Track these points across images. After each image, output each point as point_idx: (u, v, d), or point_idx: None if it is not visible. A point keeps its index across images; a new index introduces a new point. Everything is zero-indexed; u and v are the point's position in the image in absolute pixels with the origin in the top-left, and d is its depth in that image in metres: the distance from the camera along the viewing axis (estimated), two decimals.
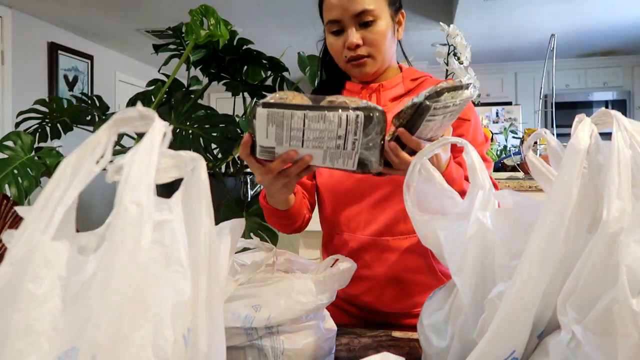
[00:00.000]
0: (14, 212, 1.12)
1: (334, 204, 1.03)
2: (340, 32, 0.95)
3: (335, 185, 1.02)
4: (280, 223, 1.02)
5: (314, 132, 0.65)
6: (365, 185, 0.98)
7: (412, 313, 1.01)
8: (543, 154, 2.28)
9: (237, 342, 0.64)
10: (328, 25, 0.95)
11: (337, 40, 0.95)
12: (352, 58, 0.95)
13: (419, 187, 0.68)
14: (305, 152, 0.68)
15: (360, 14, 0.91)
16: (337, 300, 1.06)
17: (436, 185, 0.69)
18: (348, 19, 0.92)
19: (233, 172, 2.65)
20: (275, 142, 0.67)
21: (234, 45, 2.40)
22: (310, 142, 0.66)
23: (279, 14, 4.09)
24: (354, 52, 0.94)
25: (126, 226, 0.35)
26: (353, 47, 0.94)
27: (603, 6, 3.94)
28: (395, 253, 0.98)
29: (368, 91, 1.02)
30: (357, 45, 0.93)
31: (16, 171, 1.89)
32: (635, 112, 5.66)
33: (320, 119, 0.64)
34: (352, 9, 0.91)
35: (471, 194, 0.64)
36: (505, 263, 0.56)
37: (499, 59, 5.78)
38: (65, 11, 3.97)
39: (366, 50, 0.94)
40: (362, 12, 0.91)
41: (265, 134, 0.66)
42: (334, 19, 0.93)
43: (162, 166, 0.42)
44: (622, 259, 0.43)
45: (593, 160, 0.51)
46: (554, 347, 0.49)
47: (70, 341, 0.34)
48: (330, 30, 0.96)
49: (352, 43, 0.93)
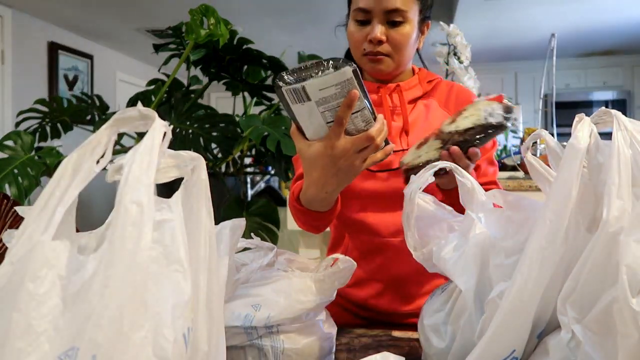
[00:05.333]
0: (14, 211, 1.12)
1: (352, 204, 0.99)
2: (364, 23, 0.92)
3: (355, 185, 0.97)
4: (319, 225, 0.95)
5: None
6: (387, 187, 0.96)
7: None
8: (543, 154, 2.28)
9: (237, 342, 0.64)
10: (355, 12, 0.92)
11: (360, 30, 0.93)
12: (370, 53, 0.93)
13: (418, 218, 0.68)
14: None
15: (392, 11, 0.90)
16: (347, 303, 1.05)
17: (434, 212, 0.70)
18: (378, 13, 0.90)
19: (233, 171, 2.65)
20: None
21: (234, 44, 2.41)
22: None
23: (279, 14, 4.09)
24: (374, 47, 0.92)
25: (126, 226, 0.35)
26: (375, 42, 0.92)
27: (603, 6, 3.94)
28: (409, 254, 0.97)
29: (386, 91, 1.00)
30: (379, 41, 0.91)
31: (16, 171, 1.89)
32: (635, 112, 5.66)
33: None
34: (386, 4, 0.89)
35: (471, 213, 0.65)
36: (500, 262, 0.56)
37: (499, 58, 5.78)
38: (65, 11, 3.97)
39: (387, 48, 0.93)
40: (393, 10, 0.90)
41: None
42: (365, 7, 0.90)
43: (162, 166, 0.42)
44: (622, 259, 0.43)
45: (593, 160, 0.51)
46: (554, 347, 0.49)
47: (71, 341, 0.34)
48: (355, 18, 0.93)
49: (376, 37, 0.90)
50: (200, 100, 2.61)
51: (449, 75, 2.28)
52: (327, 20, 4.22)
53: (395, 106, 1.00)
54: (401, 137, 0.97)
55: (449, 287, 0.67)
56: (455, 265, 0.60)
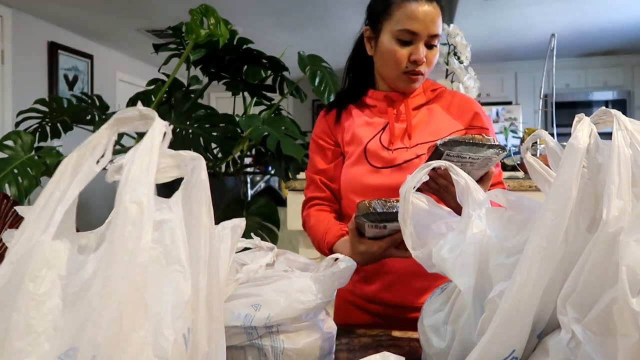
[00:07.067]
0: (14, 211, 1.12)
1: (358, 199, 1.03)
2: (407, 43, 0.98)
3: (361, 181, 1.03)
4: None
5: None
6: (391, 182, 1.00)
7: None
8: (543, 154, 2.28)
9: (237, 342, 0.64)
10: (400, 32, 0.97)
11: (403, 49, 0.99)
12: (413, 72, 1.00)
13: (414, 217, 0.68)
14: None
15: (434, 36, 0.98)
16: (356, 298, 1.07)
17: (429, 211, 0.70)
18: (424, 36, 0.97)
19: (233, 171, 2.65)
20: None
21: (234, 44, 2.41)
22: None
23: (279, 14, 4.09)
24: (416, 67, 0.99)
25: (126, 226, 0.35)
26: (421, 63, 0.99)
27: (603, 6, 3.94)
28: None
29: (393, 98, 1.06)
30: (422, 62, 0.99)
31: (16, 170, 1.89)
32: (635, 112, 5.65)
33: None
34: (431, 29, 0.97)
35: (467, 211, 0.65)
36: (501, 261, 0.56)
37: (499, 58, 5.78)
38: (65, 11, 3.97)
39: (424, 68, 1.01)
40: (435, 35, 0.98)
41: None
42: (414, 30, 0.96)
43: (162, 166, 0.42)
44: (622, 259, 0.43)
45: (592, 160, 0.51)
46: (553, 347, 0.49)
47: (70, 341, 0.34)
48: (399, 37, 0.98)
49: (422, 59, 0.98)
50: (200, 100, 2.61)
51: (449, 75, 2.28)
52: (327, 20, 4.22)
53: (400, 113, 1.06)
54: (404, 139, 1.03)
55: (449, 287, 0.67)
56: (454, 265, 0.60)
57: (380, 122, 1.05)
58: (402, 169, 0.99)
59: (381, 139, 1.03)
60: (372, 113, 1.08)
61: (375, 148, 1.02)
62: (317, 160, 1.11)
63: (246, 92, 2.59)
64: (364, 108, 1.09)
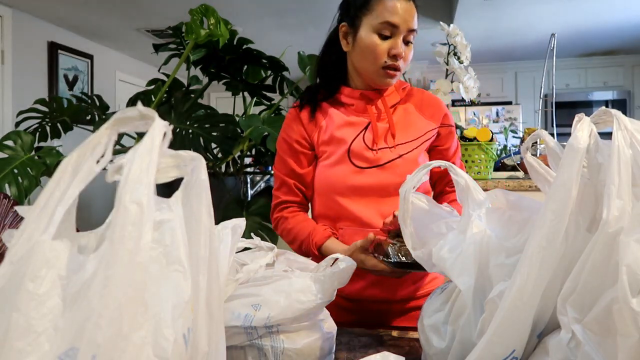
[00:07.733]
0: (14, 211, 1.12)
1: (342, 198, 1.04)
2: (387, 37, 0.98)
3: (346, 181, 1.03)
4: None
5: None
6: (374, 181, 1.01)
7: (415, 296, 1.04)
8: (543, 154, 2.28)
9: (237, 342, 0.64)
10: (382, 25, 0.97)
11: (384, 43, 0.98)
12: (392, 67, 1.00)
13: (414, 217, 0.68)
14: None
15: (412, 30, 0.99)
16: (341, 300, 1.06)
17: (429, 211, 0.70)
18: (404, 30, 0.98)
19: (233, 171, 2.65)
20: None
21: (233, 44, 2.41)
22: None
23: (279, 14, 4.09)
24: (395, 62, 0.99)
25: (126, 226, 0.35)
26: (400, 58, 0.99)
27: (603, 5, 3.94)
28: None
29: (370, 97, 1.06)
30: (401, 56, 0.99)
31: (16, 170, 1.89)
32: (635, 112, 5.66)
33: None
34: (410, 24, 0.98)
35: (467, 211, 0.65)
36: (501, 261, 0.56)
37: (499, 58, 5.78)
38: (65, 11, 3.97)
39: (402, 64, 1.01)
40: (412, 30, 0.99)
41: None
42: (395, 23, 0.96)
43: (162, 166, 0.42)
44: (622, 259, 0.43)
45: (592, 160, 0.51)
46: (553, 347, 0.49)
47: (70, 341, 0.34)
48: (379, 31, 0.98)
49: (401, 53, 0.98)
50: (200, 100, 2.61)
51: (449, 75, 2.28)
52: (327, 20, 4.20)
53: (380, 111, 1.06)
54: (387, 138, 1.03)
55: (449, 287, 0.67)
56: (454, 265, 0.60)
57: (361, 122, 1.04)
58: (385, 169, 1.00)
59: (364, 139, 1.03)
60: (348, 111, 1.06)
61: (359, 148, 1.02)
62: (291, 164, 1.09)
63: (246, 92, 2.59)
64: (338, 106, 1.08)
